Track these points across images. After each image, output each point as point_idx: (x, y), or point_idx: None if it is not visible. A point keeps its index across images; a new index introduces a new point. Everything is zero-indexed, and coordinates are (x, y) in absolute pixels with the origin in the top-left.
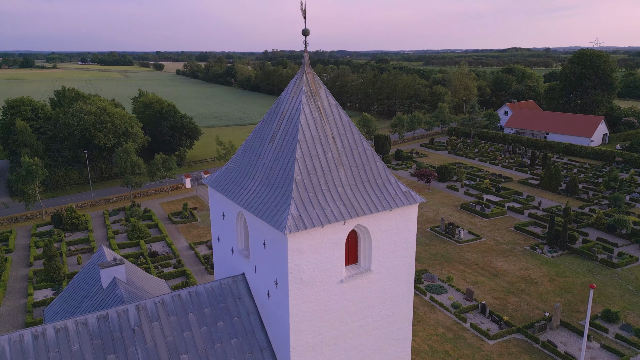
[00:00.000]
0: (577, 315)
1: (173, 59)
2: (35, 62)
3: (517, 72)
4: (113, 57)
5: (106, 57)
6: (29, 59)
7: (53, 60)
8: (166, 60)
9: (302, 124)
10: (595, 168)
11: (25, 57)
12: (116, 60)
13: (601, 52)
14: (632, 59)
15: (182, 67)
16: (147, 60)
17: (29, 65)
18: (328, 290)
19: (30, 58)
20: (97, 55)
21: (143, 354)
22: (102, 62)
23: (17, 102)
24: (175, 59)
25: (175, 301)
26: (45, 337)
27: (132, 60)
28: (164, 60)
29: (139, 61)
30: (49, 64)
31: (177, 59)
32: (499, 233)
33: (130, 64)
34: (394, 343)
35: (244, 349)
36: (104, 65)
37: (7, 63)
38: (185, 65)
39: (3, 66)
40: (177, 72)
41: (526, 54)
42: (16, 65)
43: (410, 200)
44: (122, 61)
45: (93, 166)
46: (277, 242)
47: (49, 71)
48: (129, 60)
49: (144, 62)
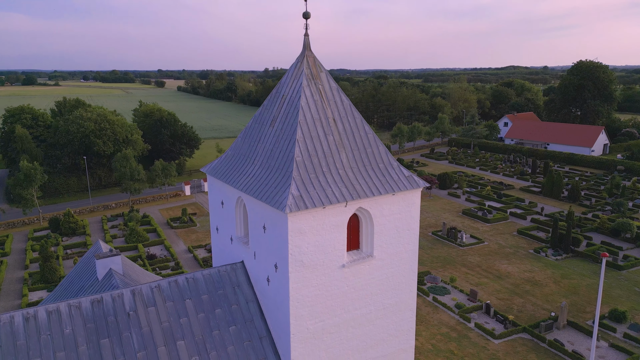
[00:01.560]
0: (583, 316)
1: (174, 76)
2: (37, 80)
3: (516, 85)
4: (115, 75)
5: (108, 74)
6: (32, 77)
7: (55, 78)
8: (168, 78)
9: (302, 105)
10: (597, 176)
11: (28, 75)
12: (118, 78)
13: (600, 64)
14: (629, 76)
15: (183, 84)
16: (149, 77)
17: (31, 83)
18: (329, 275)
19: (32, 75)
20: (99, 73)
21: (138, 339)
22: (104, 80)
23: (17, 110)
24: (176, 76)
25: (172, 287)
26: (36, 319)
27: (134, 77)
28: (165, 78)
29: (140, 79)
30: (51, 82)
31: (178, 77)
32: (502, 237)
33: (132, 81)
34: (398, 334)
35: (242, 336)
36: (106, 82)
37: (9, 80)
38: (187, 82)
39: (5, 83)
40: (178, 88)
41: (524, 71)
42: (18, 83)
43: (413, 185)
44: (124, 78)
45: (92, 174)
46: (277, 223)
47: (51, 88)
48: (130, 78)
49: (145, 80)
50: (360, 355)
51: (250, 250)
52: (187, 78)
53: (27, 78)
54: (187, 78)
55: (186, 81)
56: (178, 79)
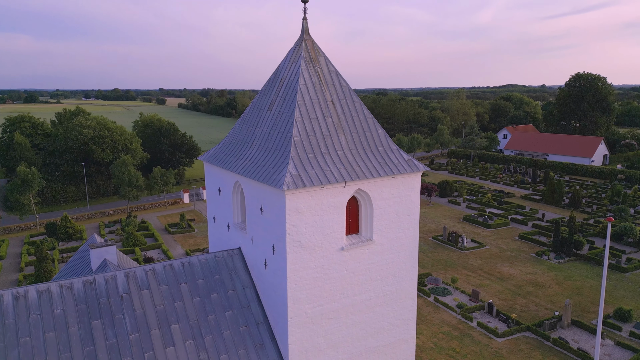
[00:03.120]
0: (588, 316)
1: (176, 95)
2: (39, 98)
3: (515, 100)
4: (116, 93)
5: (110, 93)
6: (33, 95)
7: (57, 96)
8: (169, 96)
9: (301, 87)
10: (597, 185)
11: (30, 93)
12: (119, 96)
13: (598, 76)
14: (626, 93)
15: (184, 102)
16: (150, 96)
17: (33, 101)
18: (328, 258)
19: (34, 94)
20: (100, 91)
21: (131, 322)
22: (105, 98)
23: (17, 119)
24: (177, 95)
25: (167, 271)
26: (26, 298)
27: (135, 96)
28: (166, 96)
29: (142, 96)
30: (53, 100)
31: (179, 95)
32: (503, 242)
33: (133, 99)
34: (398, 323)
35: (238, 322)
36: (108, 100)
37: (11, 98)
38: (187, 100)
39: (7, 101)
40: (179, 105)
41: (522, 89)
42: (20, 101)
43: (412, 168)
44: (125, 96)
45: (90, 182)
46: (274, 203)
47: (53, 106)
48: (131, 96)
49: (146, 97)
50: (360, 344)
51: (247, 236)
52: (188, 96)
53: (28, 96)
54: (188, 96)
55: (187, 99)
56: (179, 97)
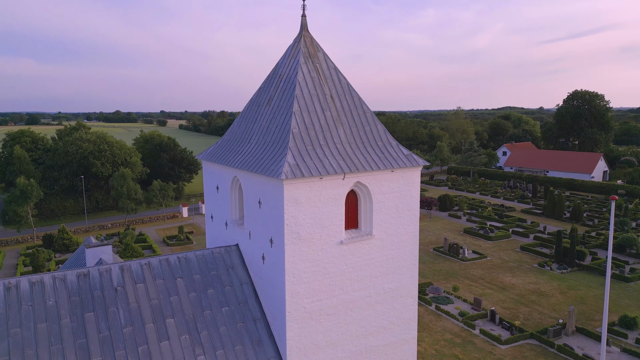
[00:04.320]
0: (592, 324)
1: (177, 117)
2: (40, 120)
3: (514, 118)
4: (118, 115)
5: (111, 115)
6: (35, 117)
7: (59, 118)
8: (170, 118)
9: (299, 80)
10: (598, 200)
11: (32, 115)
12: (121, 118)
13: (595, 93)
14: (624, 115)
15: (185, 123)
16: (152, 117)
17: (35, 122)
18: (327, 251)
19: (36, 116)
20: (102, 113)
21: (125, 315)
22: (107, 120)
23: (17, 134)
24: (179, 117)
25: (162, 265)
26: (18, 289)
27: (137, 117)
28: (167, 118)
29: (143, 118)
30: (55, 122)
31: (180, 117)
32: (505, 253)
33: (135, 121)
34: (399, 322)
35: (235, 318)
36: (109, 122)
37: (13, 120)
38: (188, 121)
39: (9, 123)
40: (180, 126)
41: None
42: (22, 122)
43: (412, 162)
44: (127, 118)
45: (89, 196)
46: (272, 195)
47: (54, 127)
48: (133, 118)
49: (147, 119)
50: (360, 342)
51: (245, 231)
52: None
53: (30, 118)
54: (189, 118)
55: (188, 120)
56: (180, 119)
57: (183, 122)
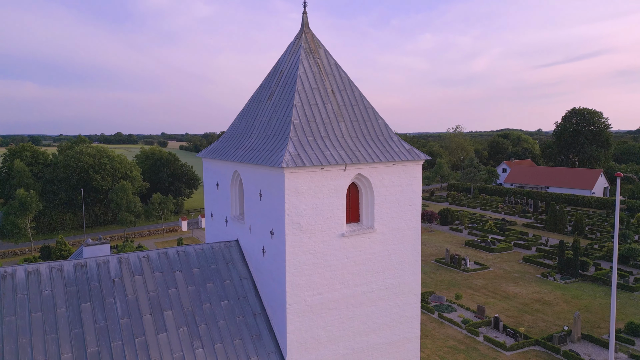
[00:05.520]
0: (598, 331)
1: (177, 138)
2: (42, 142)
3: (513, 137)
4: (119, 137)
5: (112, 137)
6: (37, 139)
7: (60, 140)
8: (171, 140)
9: (300, 74)
10: (599, 215)
11: (34, 137)
12: (122, 140)
13: (593, 110)
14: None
15: (185, 144)
16: (152, 139)
17: (36, 144)
18: (328, 243)
19: (38, 138)
20: (103, 135)
21: (122, 306)
22: (107, 142)
23: (18, 149)
24: (179, 138)
25: (161, 258)
26: (14, 278)
27: (137, 139)
28: (168, 140)
29: (144, 140)
30: (56, 144)
31: (181, 139)
32: (507, 264)
33: (135, 142)
34: (402, 320)
35: (235, 312)
36: (110, 144)
37: (14, 142)
38: (189, 142)
39: (10, 144)
40: (181, 147)
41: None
42: None
43: (414, 156)
44: (128, 140)
45: (88, 210)
46: (273, 185)
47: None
48: (134, 139)
49: (148, 140)
50: (362, 339)
51: (245, 226)
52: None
53: (31, 140)
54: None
55: (188, 141)
56: (181, 141)
57: (184, 144)
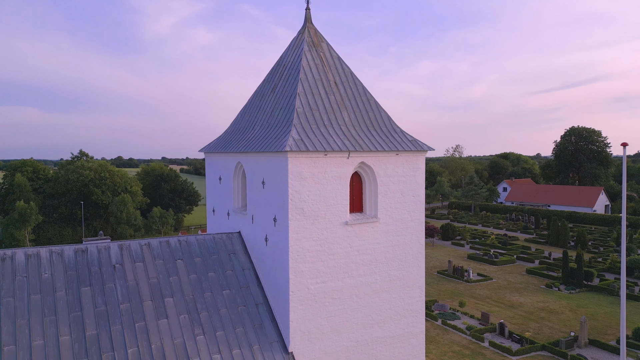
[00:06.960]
0: (605, 337)
1: (178, 162)
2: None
3: (512, 158)
4: (119, 161)
5: (113, 161)
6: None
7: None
8: (171, 164)
9: (303, 66)
10: (602, 231)
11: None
12: (122, 163)
13: (592, 129)
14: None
15: (186, 167)
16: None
17: None
18: (331, 230)
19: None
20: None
21: (123, 291)
22: None
23: (19, 164)
24: (180, 162)
25: (162, 246)
26: (13, 260)
27: (138, 163)
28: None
29: (144, 163)
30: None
31: (182, 163)
32: (511, 276)
33: (136, 166)
34: (406, 314)
35: (236, 301)
36: None
37: None
38: (189, 164)
39: None
40: (181, 170)
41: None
42: None
43: (417, 147)
44: (128, 164)
45: (88, 225)
46: (276, 171)
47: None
48: (134, 163)
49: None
50: (366, 332)
51: (247, 217)
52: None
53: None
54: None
55: (189, 165)
56: (181, 165)
57: (184, 167)
